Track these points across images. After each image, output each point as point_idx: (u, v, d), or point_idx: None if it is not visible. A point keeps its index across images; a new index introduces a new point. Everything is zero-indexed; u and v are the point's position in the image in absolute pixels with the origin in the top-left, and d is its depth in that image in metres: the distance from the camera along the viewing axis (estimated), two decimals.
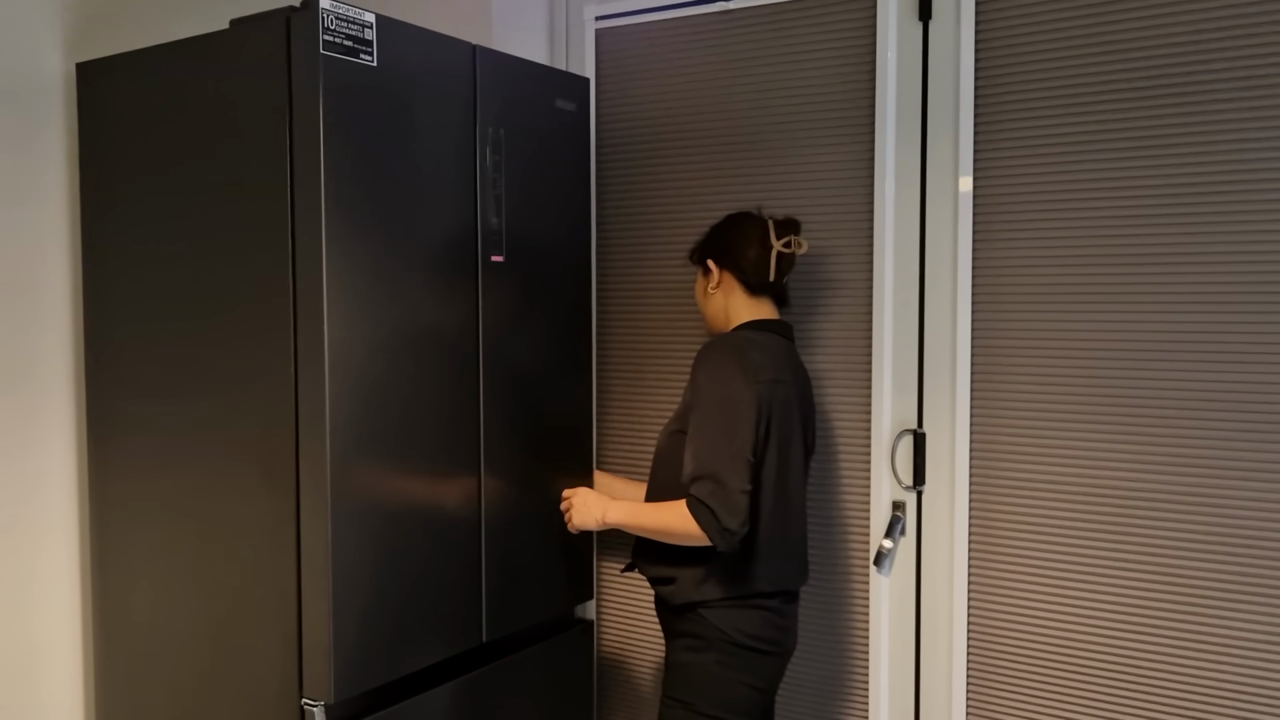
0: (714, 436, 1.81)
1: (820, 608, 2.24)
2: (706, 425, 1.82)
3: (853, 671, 2.22)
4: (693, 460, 1.82)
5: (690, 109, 2.35)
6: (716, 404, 1.83)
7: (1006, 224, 2.02)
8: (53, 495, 2.09)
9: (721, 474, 1.78)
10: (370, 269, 1.72)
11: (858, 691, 2.21)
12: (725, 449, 1.80)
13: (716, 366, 1.86)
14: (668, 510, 1.85)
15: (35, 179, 2.05)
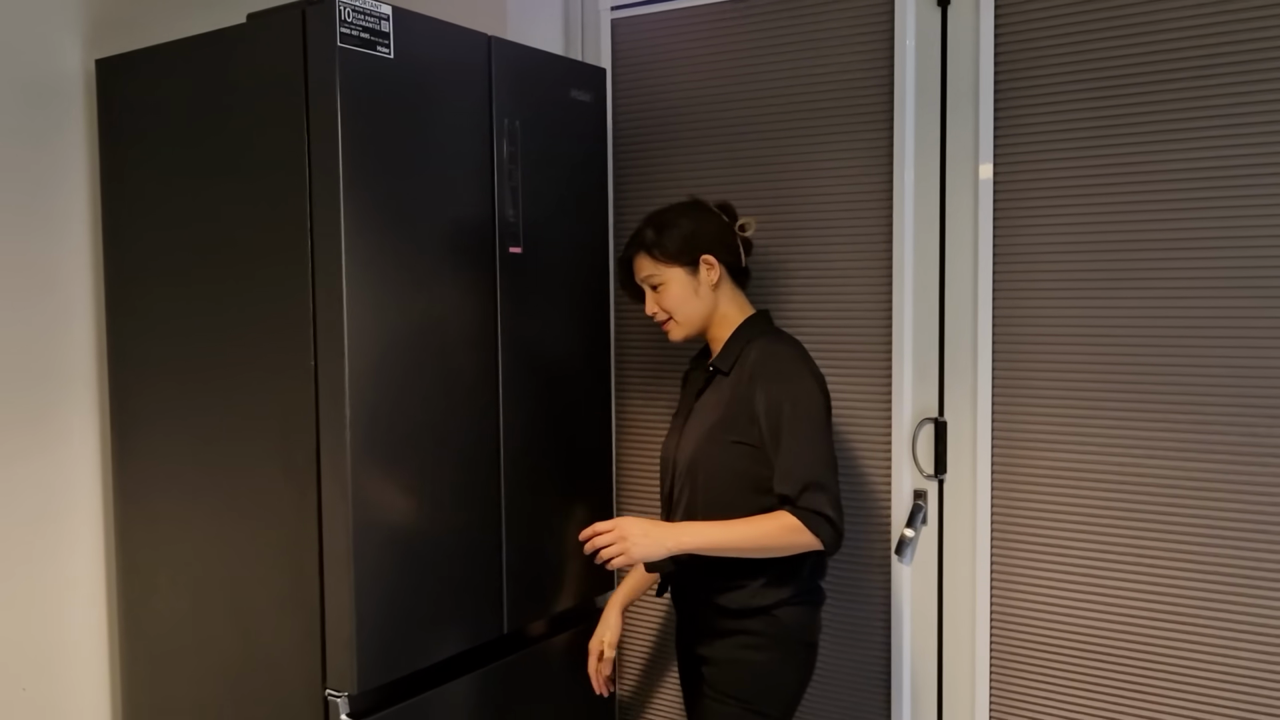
0: (812, 445, 1.78)
1: (842, 597, 2.23)
2: (801, 435, 1.78)
3: (874, 660, 2.21)
4: (799, 470, 1.76)
5: (707, 98, 2.34)
6: (805, 414, 1.79)
7: (1027, 211, 2.00)
8: (77, 489, 2.11)
9: (827, 482, 1.76)
10: (389, 261, 1.73)
11: (879, 681, 2.21)
12: (824, 455, 1.78)
13: (795, 377, 1.82)
14: (765, 524, 1.76)
15: (57, 175, 2.06)
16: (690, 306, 1.91)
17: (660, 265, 1.90)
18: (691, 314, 1.92)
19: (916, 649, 2.15)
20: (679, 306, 1.91)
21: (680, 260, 1.89)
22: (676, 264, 1.89)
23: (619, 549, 1.76)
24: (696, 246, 1.90)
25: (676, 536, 1.77)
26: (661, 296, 1.92)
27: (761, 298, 2.28)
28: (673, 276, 1.90)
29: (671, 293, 1.90)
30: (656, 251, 1.90)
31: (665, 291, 1.91)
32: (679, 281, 1.90)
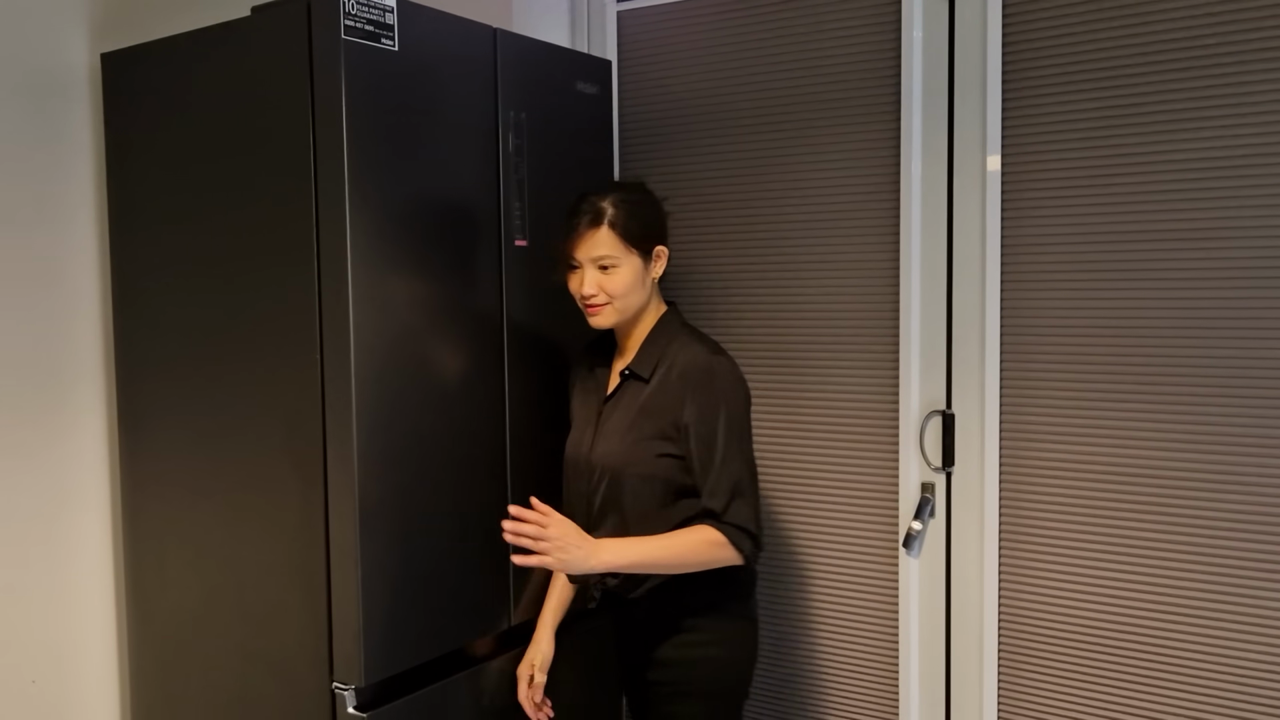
0: (741, 460, 1.76)
1: (848, 589, 2.23)
2: (731, 450, 1.75)
3: (881, 653, 2.21)
4: (726, 484, 1.74)
5: (713, 90, 2.33)
6: (736, 429, 1.77)
7: (1035, 202, 1.99)
8: (85, 484, 2.12)
9: (751, 496, 1.76)
10: (394, 255, 1.72)
11: (886, 674, 2.20)
12: (750, 470, 1.78)
13: (724, 389, 1.78)
14: (689, 540, 1.74)
15: (63, 169, 2.06)
16: (635, 295, 1.81)
17: (620, 247, 1.77)
18: (632, 304, 1.81)
19: (924, 642, 2.15)
20: (625, 294, 1.79)
21: (641, 247, 1.79)
22: (636, 250, 1.78)
23: (546, 551, 1.66)
24: (655, 235, 1.83)
25: (601, 556, 1.69)
26: (610, 280, 1.78)
27: (768, 291, 2.27)
28: (628, 262, 1.78)
29: (623, 279, 1.78)
30: (619, 230, 1.77)
31: (615, 276, 1.78)
32: (632, 268, 1.78)
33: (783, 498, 2.30)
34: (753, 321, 2.30)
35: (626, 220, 1.77)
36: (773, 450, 2.30)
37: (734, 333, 2.32)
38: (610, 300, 1.79)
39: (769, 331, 2.28)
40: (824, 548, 2.26)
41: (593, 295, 1.79)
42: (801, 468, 2.27)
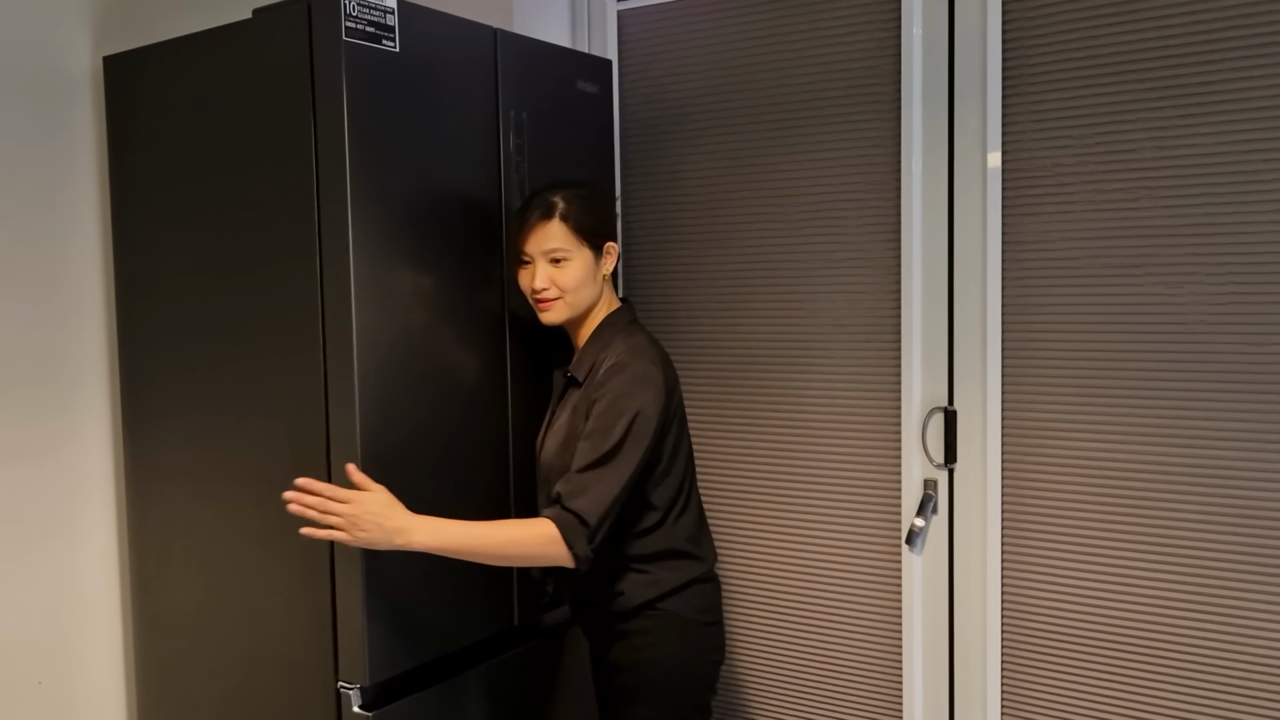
0: (616, 457, 1.69)
1: (851, 586, 2.24)
2: (609, 441, 1.69)
3: (884, 650, 2.21)
4: (589, 474, 1.68)
5: (713, 89, 2.33)
6: (623, 425, 1.70)
7: (1036, 198, 2.00)
8: (90, 486, 2.12)
9: (605, 499, 1.67)
10: (397, 254, 1.73)
11: (890, 670, 2.21)
12: (618, 470, 1.69)
13: (632, 392, 1.73)
14: (519, 531, 1.68)
15: (66, 172, 2.07)
16: (586, 291, 1.80)
17: (572, 240, 1.76)
18: (583, 299, 1.80)
19: (928, 638, 2.15)
20: (577, 288, 1.78)
21: (592, 241, 1.79)
22: (588, 244, 1.78)
23: (339, 526, 1.57)
24: (606, 231, 1.82)
25: (410, 537, 1.59)
26: (562, 274, 1.77)
27: (769, 288, 2.28)
28: (580, 256, 1.77)
29: (574, 273, 1.77)
30: (571, 224, 1.76)
31: (567, 269, 1.77)
32: (584, 262, 1.78)
33: (785, 495, 2.30)
34: (754, 319, 2.31)
35: (579, 214, 1.77)
36: (775, 448, 2.30)
37: (736, 330, 2.33)
38: (561, 295, 1.79)
39: (770, 329, 2.29)
40: (827, 545, 2.26)
41: (544, 289, 1.78)
42: (803, 465, 2.27)
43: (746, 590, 2.37)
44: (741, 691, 2.40)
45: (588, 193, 1.82)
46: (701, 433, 2.39)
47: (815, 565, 2.28)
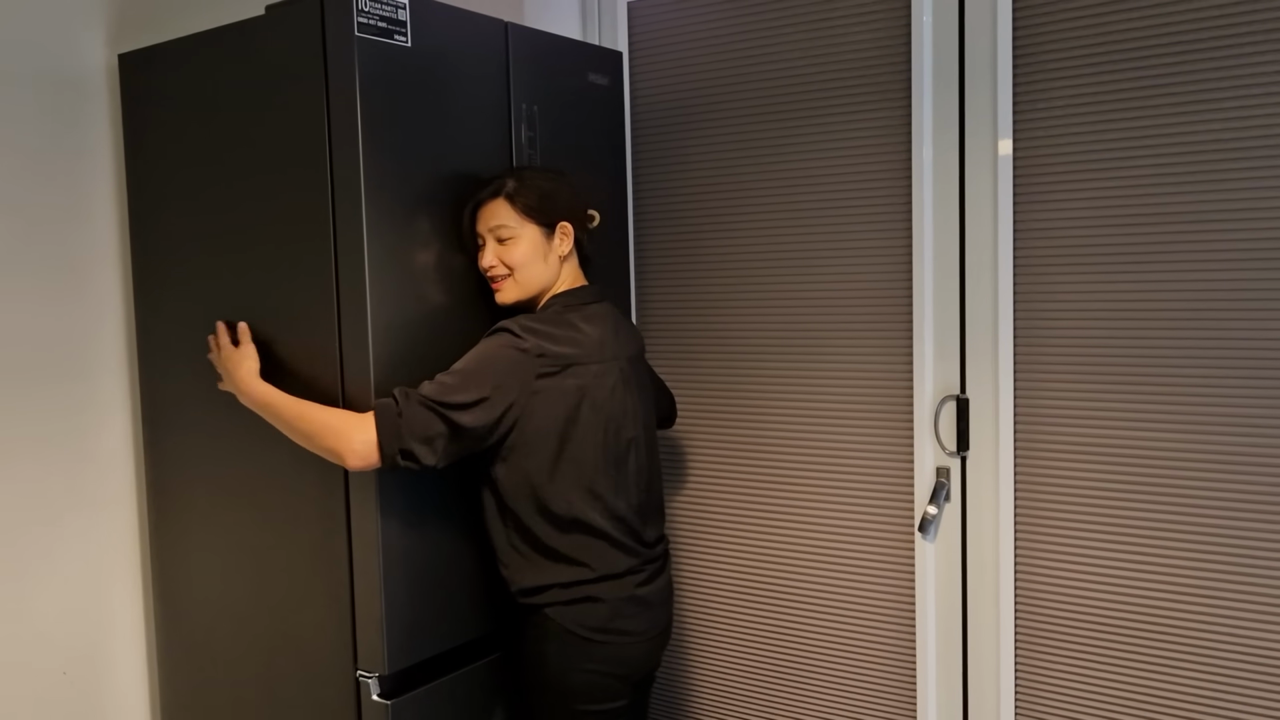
0: (455, 370, 1.70)
1: (864, 574, 2.24)
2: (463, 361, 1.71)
3: (897, 638, 2.22)
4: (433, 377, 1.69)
5: (723, 79, 2.34)
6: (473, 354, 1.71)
7: (1048, 186, 1.99)
8: (111, 479, 2.15)
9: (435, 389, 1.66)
10: (410, 246, 1.74)
11: (903, 658, 2.21)
12: (453, 377, 1.68)
13: (491, 337, 1.74)
14: (329, 409, 1.68)
15: (83, 169, 2.09)
16: (535, 269, 1.80)
17: (516, 217, 1.78)
18: (533, 277, 1.81)
19: (941, 626, 2.16)
20: (524, 265, 1.79)
21: (537, 218, 1.79)
22: (533, 221, 1.79)
23: (217, 366, 1.83)
24: (556, 210, 1.81)
25: (239, 385, 1.77)
26: (508, 251, 1.79)
27: (781, 278, 2.28)
28: (526, 233, 1.79)
29: (520, 249, 1.79)
30: (517, 202, 1.78)
31: (513, 246, 1.79)
32: (530, 240, 1.79)
33: (797, 484, 2.31)
34: (765, 308, 2.31)
35: (525, 192, 1.79)
36: (786, 437, 2.31)
37: (746, 320, 2.33)
38: (510, 272, 1.80)
39: (781, 318, 2.29)
40: (839, 533, 2.27)
41: (492, 266, 1.80)
42: (815, 454, 2.28)
43: (758, 579, 2.38)
44: (753, 680, 2.41)
45: (540, 173, 1.84)
46: (712, 422, 2.40)
47: (827, 554, 2.29)
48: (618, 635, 1.80)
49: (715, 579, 2.45)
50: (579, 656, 1.78)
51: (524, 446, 1.74)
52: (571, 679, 1.78)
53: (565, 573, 1.77)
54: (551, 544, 1.77)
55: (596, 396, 1.79)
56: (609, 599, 1.80)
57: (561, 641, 1.78)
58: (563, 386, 1.75)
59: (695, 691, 2.51)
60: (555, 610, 1.78)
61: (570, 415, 1.76)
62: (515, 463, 1.74)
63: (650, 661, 1.90)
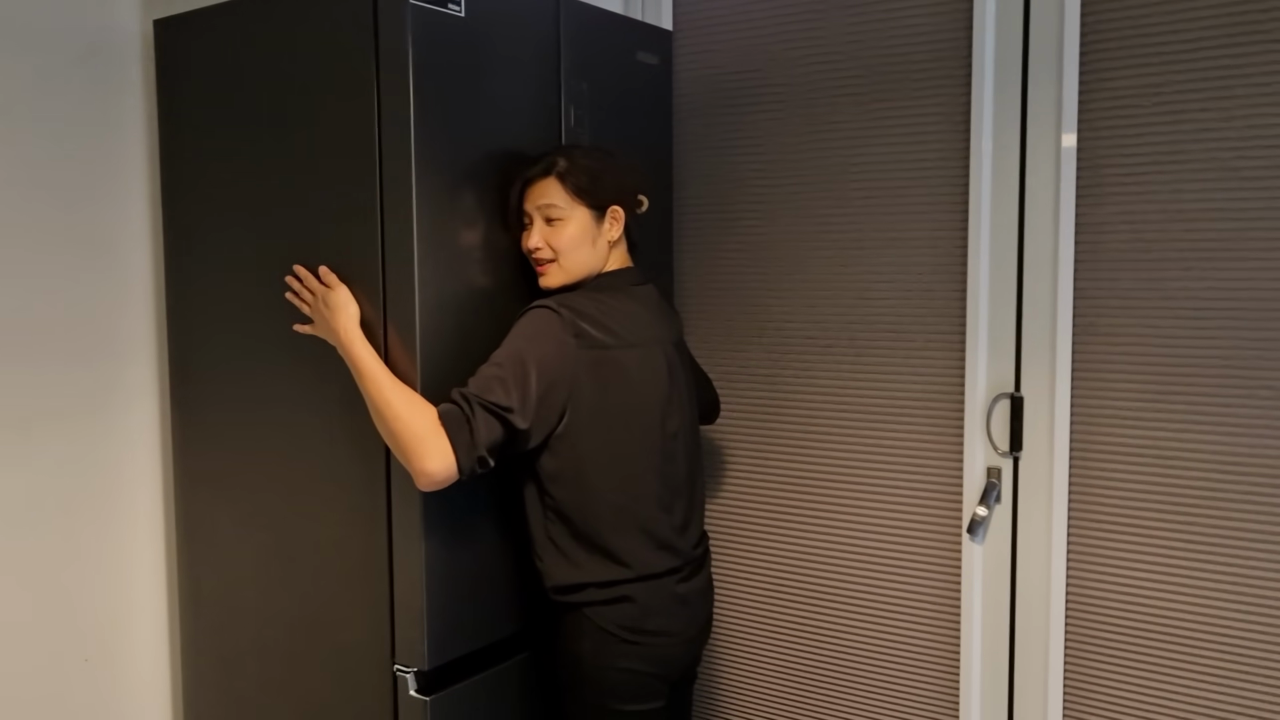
0: (500, 357, 1.62)
1: (909, 575, 2.18)
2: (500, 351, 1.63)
3: (942, 642, 2.16)
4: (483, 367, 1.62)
5: (772, 61, 2.27)
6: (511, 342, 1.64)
7: (1113, 180, 1.93)
8: (137, 461, 2.09)
9: (491, 379, 1.58)
10: (458, 226, 1.68)
11: (947, 663, 2.16)
12: (501, 364, 1.60)
13: (525, 320, 1.66)
14: (413, 403, 1.57)
15: (115, 138, 2.02)
16: (582, 254, 1.73)
17: (566, 198, 1.71)
18: (579, 262, 1.73)
19: (987, 631, 2.10)
20: (571, 249, 1.72)
21: (588, 200, 1.72)
22: (583, 203, 1.71)
23: (311, 311, 1.73)
24: (607, 193, 1.73)
25: (344, 342, 1.64)
26: (556, 233, 1.71)
27: (829, 268, 2.22)
28: (575, 215, 1.71)
29: (568, 232, 1.71)
30: (568, 182, 1.70)
31: (561, 229, 1.71)
32: (579, 223, 1.71)
33: (841, 481, 2.25)
34: (811, 299, 2.25)
35: (577, 173, 1.71)
36: (831, 432, 2.25)
37: (792, 311, 2.27)
38: (556, 256, 1.73)
39: (828, 310, 2.23)
40: (883, 533, 2.21)
41: (538, 249, 1.73)
42: (861, 450, 2.22)
43: (799, 579, 2.32)
44: (792, 683, 2.35)
45: (594, 154, 1.76)
46: (753, 416, 2.34)
47: (871, 554, 2.23)
48: (655, 636, 1.74)
49: (755, 578, 2.39)
50: (615, 655, 1.72)
51: (569, 436, 1.67)
52: (608, 678, 1.72)
53: (603, 571, 1.71)
54: (591, 539, 1.71)
55: (640, 382, 1.73)
56: (647, 599, 1.73)
57: (597, 640, 1.71)
58: (605, 371, 1.69)
59: (733, 693, 2.45)
60: (592, 610, 1.71)
61: (613, 402, 1.70)
62: (559, 451, 1.68)
63: (688, 660, 1.84)
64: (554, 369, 1.63)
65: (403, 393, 1.58)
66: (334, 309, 1.66)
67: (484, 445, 1.56)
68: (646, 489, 1.74)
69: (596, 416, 1.68)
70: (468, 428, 1.55)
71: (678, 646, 1.78)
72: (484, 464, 1.58)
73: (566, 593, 1.72)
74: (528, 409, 1.60)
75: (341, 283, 1.69)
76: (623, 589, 1.71)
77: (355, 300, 1.67)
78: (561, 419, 1.66)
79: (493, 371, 1.60)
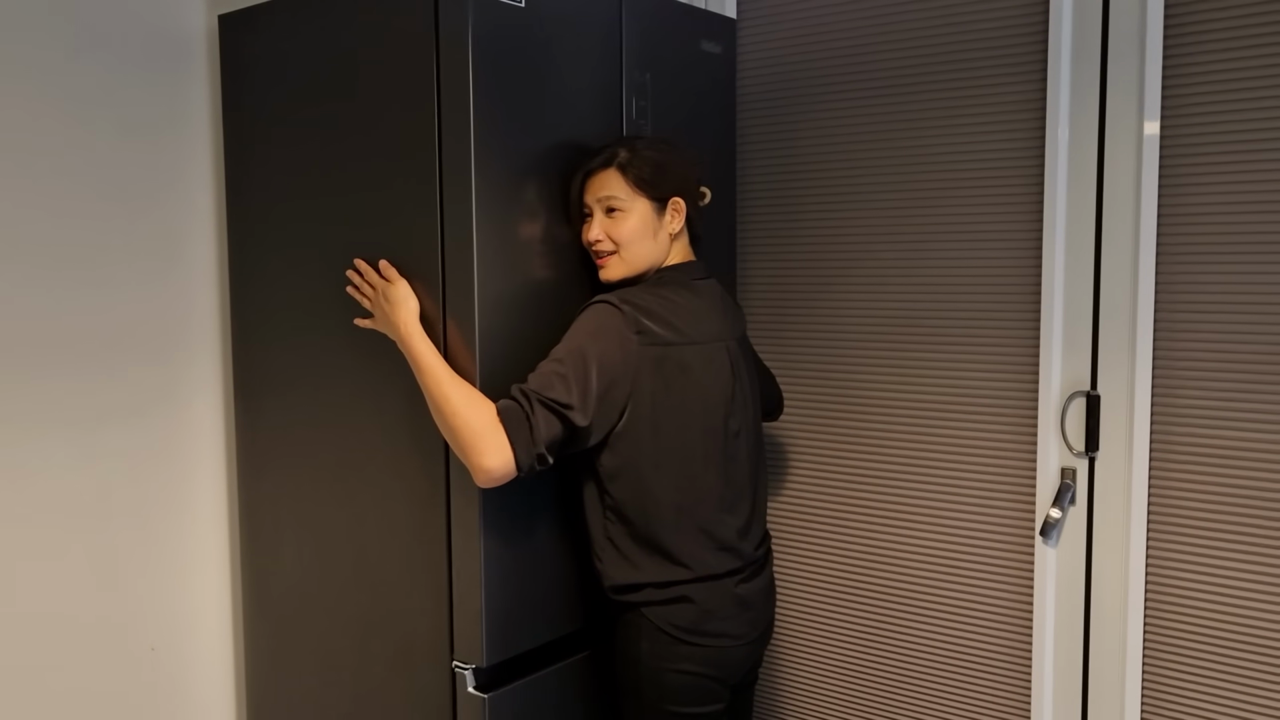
0: (559, 354, 1.60)
1: (979, 578, 2.12)
2: (559, 348, 1.61)
3: (1013, 647, 2.09)
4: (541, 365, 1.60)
5: (838, 49, 2.21)
6: (572, 339, 1.61)
7: (1198, 169, 1.84)
8: (202, 455, 2.11)
9: (550, 375, 1.56)
10: (518, 220, 1.66)
11: (1019, 670, 2.09)
12: (558, 362, 1.58)
13: (586, 316, 1.64)
14: (473, 400, 1.55)
15: (181, 134, 2.04)
16: (643, 246, 1.70)
17: (627, 189, 1.68)
18: (640, 255, 1.70)
19: (1060, 637, 2.03)
20: (631, 241, 1.69)
21: (649, 192, 1.68)
22: (644, 194, 1.68)
23: (371, 305, 1.71)
24: (669, 184, 1.70)
25: (404, 337, 1.62)
26: (616, 225, 1.68)
27: (898, 262, 2.16)
28: (636, 207, 1.68)
29: (629, 224, 1.68)
30: (629, 173, 1.67)
31: (621, 220, 1.68)
32: (640, 214, 1.68)
33: (908, 480, 2.19)
34: (878, 294, 2.19)
35: (639, 164, 1.68)
36: (898, 431, 2.19)
37: (858, 305, 2.21)
38: (616, 249, 1.70)
39: (896, 304, 2.17)
40: (952, 534, 2.15)
41: (598, 240, 1.70)
42: (929, 449, 2.16)
43: (864, 581, 2.27)
44: (856, 687, 2.30)
45: (656, 145, 1.73)
46: (817, 413, 2.29)
47: (939, 556, 2.17)
48: (714, 638, 1.71)
49: (819, 579, 2.34)
50: (673, 657, 1.69)
51: (630, 434, 1.64)
52: (666, 680, 1.69)
53: (662, 571, 1.68)
54: (650, 540, 1.68)
55: (703, 380, 1.70)
56: (706, 600, 1.70)
57: (655, 642, 1.68)
58: (667, 368, 1.66)
59: (795, 696, 2.41)
60: (650, 610, 1.68)
61: (675, 400, 1.67)
62: (619, 449, 1.65)
63: (749, 664, 1.81)
64: (615, 366, 1.60)
65: (462, 389, 1.57)
66: (394, 303, 1.65)
67: (543, 442, 1.54)
68: (708, 489, 1.70)
69: (658, 415, 1.65)
70: (527, 425, 1.53)
71: (738, 649, 1.75)
72: (543, 461, 1.55)
73: (624, 592, 1.70)
74: (588, 406, 1.57)
75: (402, 277, 1.68)
76: (681, 589, 1.68)
77: (415, 295, 1.66)
78: (622, 416, 1.63)
79: (553, 368, 1.58)
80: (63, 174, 1.87)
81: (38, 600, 1.89)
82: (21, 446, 1.85)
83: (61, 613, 1.92)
